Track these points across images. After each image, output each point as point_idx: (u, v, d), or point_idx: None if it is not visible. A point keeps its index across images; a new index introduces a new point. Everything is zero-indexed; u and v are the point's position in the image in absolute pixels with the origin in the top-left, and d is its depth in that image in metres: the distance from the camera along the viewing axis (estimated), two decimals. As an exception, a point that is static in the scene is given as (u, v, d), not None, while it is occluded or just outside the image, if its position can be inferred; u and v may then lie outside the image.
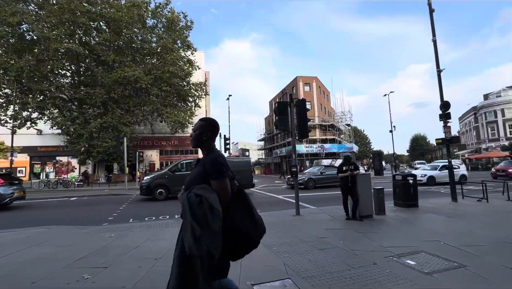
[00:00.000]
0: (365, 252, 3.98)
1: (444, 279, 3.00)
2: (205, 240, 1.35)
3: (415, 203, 7.93)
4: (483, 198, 8.83)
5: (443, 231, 5.14)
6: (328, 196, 11.90)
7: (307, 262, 3.60)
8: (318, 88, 39.37)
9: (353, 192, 6.32)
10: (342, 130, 41.08)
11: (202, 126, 1.76)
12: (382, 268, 3.34)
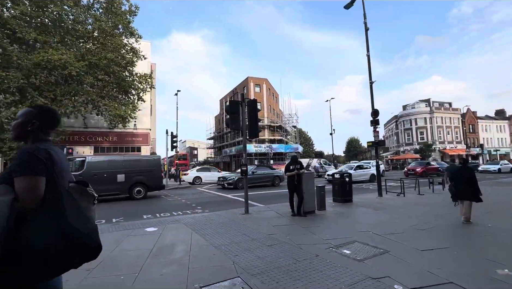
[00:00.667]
0: (309, 245, 4.28)
1: (373, 264, 3.44)
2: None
3: (350, 199, 8.90)
4: (401, 193, 10.45)
5: (372, 222, 5.88)
6: (277, 193, 12.40)
7: (256, 259, 3.68)
8: (268, 90, 40.66)
9: (299, 189, 6.73)
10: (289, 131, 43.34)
11: (27, 114, 1.41)
12: (324, 258, 3.64)
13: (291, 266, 3.40)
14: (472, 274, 3.10)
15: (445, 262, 3.47)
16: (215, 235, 4.95)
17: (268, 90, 40.93)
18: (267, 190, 14.10)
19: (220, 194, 12.73)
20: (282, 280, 2.98)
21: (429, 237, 4.67)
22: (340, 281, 2.92)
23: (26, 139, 1.40)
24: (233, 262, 3.56)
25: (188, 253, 4.02)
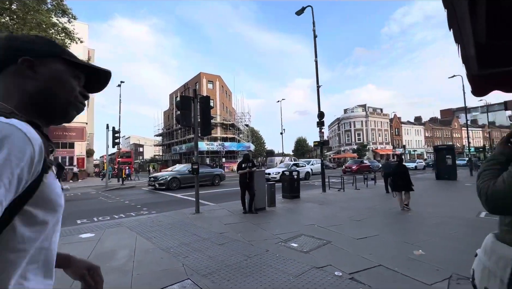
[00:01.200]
0: (260, 241, 4.40)
1: (317, 254, 3.73)
2: None
3: (298, 195, 9.46)
4: (341, 189, 11.56)
5: (317, 216, 6.36)
6: (228, 192, 12.37)
7: (207, 259, 3.61)
8: (221, 87, 40.21)
9: (250, 187, 6.85)
10: (242, 130, 43.71)
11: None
12: (273, 253, 3.79)
13: (242, 263, 3.44)
14: (395, 256, 3.62)
15: (375, 248, 3.97)
16: (163, 238, 4.68)
17: (221, 88, 40.50)
18: (215, 189, 13.97)
19: (168, 194, 12.09)
20: (233, 278, 3.00)
21: (363, 226, 5.28)
22: (288, 273, 3.08)
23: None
24: (183, 264, 3.43)
25: (132, 258, 3.72)
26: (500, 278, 1.04)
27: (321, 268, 3.24)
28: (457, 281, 2.86)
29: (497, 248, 1.11)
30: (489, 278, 1.11)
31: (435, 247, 3.96)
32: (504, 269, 1.03)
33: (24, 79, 0.64)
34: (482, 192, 1.11)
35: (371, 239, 4.43)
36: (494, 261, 1.09)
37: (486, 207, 1.12)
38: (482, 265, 1.18)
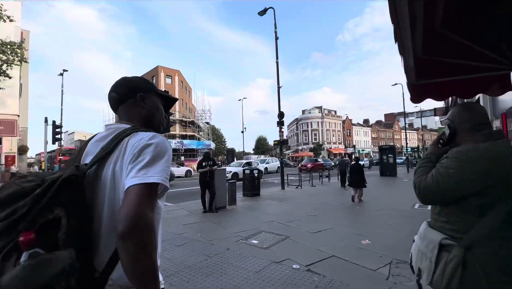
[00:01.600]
0: (220, 240, 4.37)
1: (276, 249, 3.86)
2: None
3: (258, 193, 9.64)
4: (299, 186, 12.13)
5: (276, 213, 6.57)
6: (187, 191, 11.98)
7: (165, 261, 3.46)
8: (180, 82, 38.62)
9: (211, 186, 6.75)
10: (202, 127, 42.62)
11: None
12: (234, 251, 3.81)
13: (203, 262, 3.38)
14: (346, 246, 3.95)
15: (329, 240, 4.27)
16: (114, 242, 4.33)
17: (181, 83, 38.95)
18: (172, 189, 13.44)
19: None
20: (193, 279, 2.93)
21: (319, 221, 5.63)
22: (249, 270, 3.13)
23: None
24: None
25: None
26: (430, 258, 1.22)
27: (280, 262, 3.37)
28: (396, 265, 3.25)
29: (428, 234, 1.30)
30: (422, 259, 1.29)
31: (379, 236, 4.43)
32: (432, 251, 1.21)
33: (140, 108, 0.97)
34: (416, 186, 1.29)
35: (325, 232, 4.75)
36: (426, 245, 1.27)
37: (419, 199, 1.29)
38: (417, 248, 1.36)
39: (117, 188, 0.78)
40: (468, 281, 1.10)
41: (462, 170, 1.12)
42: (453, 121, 1.32)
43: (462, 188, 1.12)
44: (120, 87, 0.97)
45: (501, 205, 1.08)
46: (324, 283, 2.78)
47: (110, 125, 0.92)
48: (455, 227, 1.17)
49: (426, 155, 1.40)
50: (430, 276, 1.20)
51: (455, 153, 1.18)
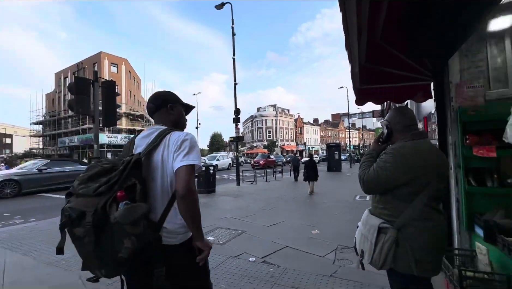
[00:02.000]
0: (175, 239, 4.22)
1: (233, 244, 3.91)
2: None
3: (214, 189, 9.55)
4: (254, 182, 12.40)
5: (232, 208, 6.62)
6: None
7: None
8: (128, 72, 35.47)
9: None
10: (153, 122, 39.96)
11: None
12: (190, 249, 3.73)
13: (156, 263, 3.23)
14: (298, 237, 4.22)
15: (283, 232, 4.50)
16: (48, 250, 3.81)
17: (129, 73, 35.81)
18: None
19: (54, 196, 9.82)
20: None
21: (273, 215, 5.87)
22: (206, 266, 3.11)
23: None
24: (80, 277, 2.92)
25: (1, 280, 2.88)
26: (370, 240, 1.42)
27: (236, 256, 3.43)
28: (340, 250, 3.61)
29: (369, 219, 1.50)
30: (364, 242, 1.49)
31: (326, 226, 4.85)
32: (372, 234, 1.41)
33: (169, 115, 1.38)
34: (361, 178, 1.48)
35: (279, 225, 4.99)
36: (367, 229, 1.47)
37: (363, 189, 1.49)
38: (360, 233, 1.56)
39: (165, 168, 1.19)
40: (400, 256, 1.32)
41: (396, 164, 1.33)
42: (389, 123, 1.55)
43: (396, 179, 1.34)
44: (156, 100, 1.38)
45: (423, 192, 1.31)
46: (278, 272, 2.95)
47: (150, 127, 1.34)
48: (390, 212, 1.39)
49: (369, 152, 1.61)
50: (371, 256, 1.39)
51: (391, 149, 1.39)
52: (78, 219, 0.97)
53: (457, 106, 2.57)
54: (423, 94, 3.20)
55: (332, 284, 2.65)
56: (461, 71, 2.62)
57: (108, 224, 0.97)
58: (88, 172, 1.10)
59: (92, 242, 0.97)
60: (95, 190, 1.02)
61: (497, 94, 2.42)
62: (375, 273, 2.88)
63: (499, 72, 2.46)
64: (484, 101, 2.48)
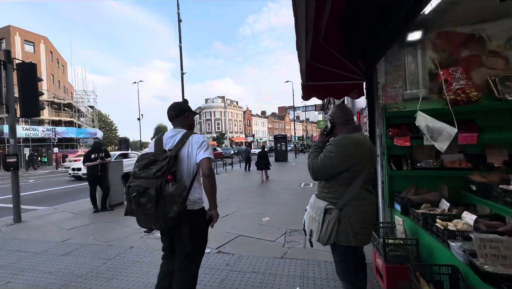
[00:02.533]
0: (121, 239, 3.94)
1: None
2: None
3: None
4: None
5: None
6: (60, 191, 9.81)
7: (46, 276, 2.82)
8: (49, 53, 30.08)
9: (103, 181, 5.85)
10: (84, 112, 35.07)
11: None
12: (139, 248, 3.54)
13: (101, 267, 2.98)
14: (250, 225, 4.41)
15: (236, 222, 4.63)
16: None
17: (50, 54, 30.47)
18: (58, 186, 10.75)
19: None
20: (89, 286, 2.56)
21: (225, 206, 5.93)
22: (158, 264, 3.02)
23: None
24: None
25: None
26: (318, 221, 1.62)
27: (191, 250, 3.41)
28: (289, 234, 3.93)
29: (316, 203, 1.71)
30: (312, 223, 1.69)
31: (276, 213, 5.18)
32: (319, 215, 1.62)
33: (186, 120, 1.92)
34: (310, 166, 1.66)
35: (232, 216, 5.10)
36: (315, 211, 1.68)
37: (312, 176, 1.68)
38: (309, 215, 1.77)
39: (190, 159, 1.73)
40: (341, 231, 1.55)
41: (339, 153, 1.55)
42: (332, 118, 1.77)
43: (339, 166, 1.55)
44: (176, 109, 1.89)
45: (359, 177, 1.56)
46: (234, 260, 3.06)
47: (173, 129, 1.85)
48: (333, 195, 1.61)
49: (316, 143, 1.81)
50: (318, 234, 1.60)
51: (335, 141, 1.61)
52: (143, 192, 1.52)
53: (383, 104, 3.04)
54: (357, 92, 3.66)
55: (283, 265, 2.90)
56: (386, 74, 3.10)
57: (162, 195, 1.51)
58: (141, 162, 1.66)
59: (153, 207, 1.51)
60: (154, 174, 1.56)
61: (411, 94, 2.96)
62: (318, 250, 3.26)
63: (413, 76, 3.00)
64: (402, 100, 3.00)
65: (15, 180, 5.20)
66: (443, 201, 2.47)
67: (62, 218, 5.33)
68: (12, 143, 5.22)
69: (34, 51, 27.87)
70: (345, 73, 3.42)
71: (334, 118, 1.75)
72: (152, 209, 1.51)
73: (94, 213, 5.64)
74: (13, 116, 5.20)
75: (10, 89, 5.10)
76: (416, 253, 2.21)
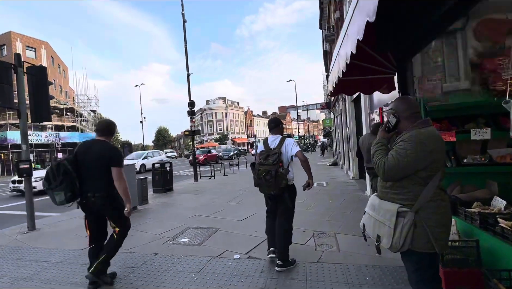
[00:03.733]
0: (143, 246, 3.79)
1: (211, 244, 3.71)
2: None
3: (171, 187, 8.94)
4: (212, 176, 12.08)
5: (197, 206, 6.30)
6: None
7: (73, 287, 2.68)
8: (51, 58, 30.05)
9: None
10: (86, 116, 34.96)
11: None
12: (164, 255, 3.40)
13: (129, 277, 2.84)
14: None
15: (258, 225, 4.46)
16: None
17: (51, 59, 30.46)
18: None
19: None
20: (122, 299, 2.41)
21: (242, 208, 5.80)
22: (189, 272, 2.87)
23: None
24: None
25: None
26: (388, 225, 1.47)
27: (219, 256, 3.26)
28: (318, 236, 3.77)
29: (382, 205, 1.55)
30: (379, 227, 1.53)
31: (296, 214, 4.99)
32: (390, 218, 1.46)
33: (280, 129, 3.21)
34: (380, 166, 1.50)
35: (252, 218, 4.95)
36: (382, 214, 1.52)
37: (382, 176, 1.52)
38: (372, 219, 1.61)
39: (287, 154, 2.87)
40: (417, 236, 1.39)
41: (416, 150, 1.39)
42: (396, 111, 1.61)
43: (416, 164, 1.40)
44: (275, 122, 3.10)
45: (436, 175, 1.41)
46: (267, 266, 2.91)
47: (273, 136, 3.04)
48: (406, 196, 1.45)
49: (378, 140, 1.65)
50: (390, 240, 1.44)
51: (409, 136, 1.45)
52: (267, 173, 2.69)
53: (420, 97, 2.88)
54: (388, 86, 3.51)
55: (322, 270, 2.75)
56: (423, 66, 2.95)
57: (277, 175, 2.66)
58: (262, 156, 2.85)
59: (273, 181, 2.66)
60: (272, 163, 2.71)
61: (452, 87, 2.80)
62: (355, 253, 3.10)
63: (453, 68, 2.84)
64: (441, 93, 2.84)
65: (28, 187, 5.05)
66: (497, 198, 2.31)
67: (76, 225, 5.18)
68: (24, 149, 5.08)
69: (35, 57, 27.83)
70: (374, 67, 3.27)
71: (399, 112, 1.59)
72: (272, 182, 2.67)
73: (109, 219, 5.49)
74: (24, 121, 5.05)
75: (21, 93, 4.97)
76: (476, 256, 2.05)
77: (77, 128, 30.82)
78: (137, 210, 6.17)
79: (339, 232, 3.86)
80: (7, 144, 23.95)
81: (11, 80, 4.85)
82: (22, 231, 4.87)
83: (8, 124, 25.38)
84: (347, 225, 4.17)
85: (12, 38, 26.17)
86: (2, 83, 4.66)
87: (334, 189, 7.41)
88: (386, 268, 2.68)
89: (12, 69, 4.91)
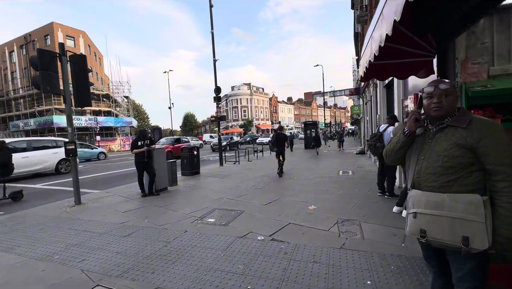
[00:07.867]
0: (174, 223, 4.09)
1: (236, 225, 3.89)
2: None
3: (198, 171, 9.34)
4: (236, 161, 12.35)
5: (222, 189, 6.55)
6: (108, 176, 10.53)
7: (114, 256, 3.01)
8: (87, 46, 31.93)
9: (149, 166, 6.11)
10: (119, 102, 37.10)
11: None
12: (193, 232, 3.64)
13: (163, 250, 3.11)
14: (297, 213, 4.32)
15: (281, 210, 4.57)
16: (35, 244, 3.47)
17: (88, 48, 32.32)
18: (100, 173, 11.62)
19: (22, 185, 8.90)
20: (158, 268, 2.67)
21: (265, 193, 5.92)
22: (216, 248, 3.07)
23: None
24: (82, 270, 2.71)
25: (-13, 282, 2.57)
26: (477, 220, 1.25)
27: (244, 236, 3.42)
28: (342, 224, 3.76)
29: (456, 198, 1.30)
30: (463, 226, 1.27)
31: (320, 201, 5.02)
32: (476, 212, 1.25)
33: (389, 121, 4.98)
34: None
35: (275, 203, 5.05)
36: (463, 210, 1.27)
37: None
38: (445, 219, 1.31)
39: (388, 135, 4.52)
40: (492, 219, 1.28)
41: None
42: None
43: None
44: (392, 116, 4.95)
45: None
46: (290, 249, 3.00)
47: (385, 124, 4.80)
48: (477, 187, 1.31)
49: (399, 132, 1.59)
50: (486, 236, 1.24)
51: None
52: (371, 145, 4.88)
53: (462, 82, 2.66)
54: (426, 71, 3.26)
55: (345, 256, 2.77)
56: (467, 48, 2.69)
57: (375, 146, 4.72)
58: (369, 136, 5.30)
59: (374, 149, 4.78)
60: (372, 139, 4.87)
61: (500, 70, 2.54)
62: (379, 242, 3.06)
63: (503, 49, 2.56)
64: (487, 77, 2.59)
65: (74, 165, 5.61)
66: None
67: (116, 201, 5.70)
68: (70, 131, 5.60)
69: (74, 46, 29.72)
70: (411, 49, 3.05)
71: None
72: (373, 150, 4.76)
73: (143, 197, 5.95)
74: (69, 106, 5.54)
75: (65, 80, 5.42)
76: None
77: (112, 114, 32.92)
78: (167, 191, 6.59)
79: (364, 221, 3.81)
80: (53, 127, 26.39)
81: (57, 68, 5.29)
82: (70, 205, 5.47)
83: (54, 109, 27.84)
84: (372, 214, 4.10)
85: (54, 28, 28.11)
86: (50, 71, 5.11)
87: (361, 178, 7.22)
88: (412, 258, 2.63)
89: (57, 58, 5.33)
